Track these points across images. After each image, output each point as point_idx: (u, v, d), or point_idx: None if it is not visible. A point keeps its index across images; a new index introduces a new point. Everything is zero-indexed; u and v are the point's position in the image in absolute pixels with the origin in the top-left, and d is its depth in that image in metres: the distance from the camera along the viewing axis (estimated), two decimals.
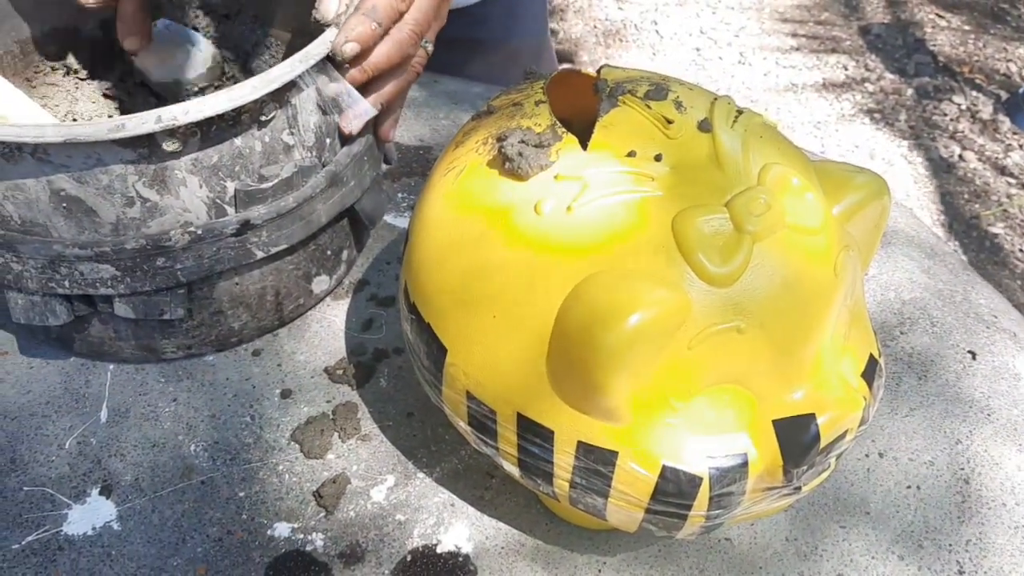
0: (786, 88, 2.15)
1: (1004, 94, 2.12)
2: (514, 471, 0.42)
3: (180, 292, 0.52)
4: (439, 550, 0.49)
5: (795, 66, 2.22)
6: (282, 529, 0.50)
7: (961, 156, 1.96)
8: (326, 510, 0.50)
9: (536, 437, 0.39)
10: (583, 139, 0.40)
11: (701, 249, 0.36)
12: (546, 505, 0.51)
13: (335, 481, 0.51)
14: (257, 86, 0.47)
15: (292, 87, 0.50)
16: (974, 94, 2.12)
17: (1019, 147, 1.98)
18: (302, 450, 0.53)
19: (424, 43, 0.56)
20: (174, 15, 0.67)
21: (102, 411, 0.55)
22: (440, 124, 0.80)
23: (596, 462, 0.38)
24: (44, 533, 0.49)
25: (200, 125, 0.46)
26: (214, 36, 0.68)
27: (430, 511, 0.51)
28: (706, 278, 0.36)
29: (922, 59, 2.23)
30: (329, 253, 0.59)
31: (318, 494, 0.51)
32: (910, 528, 0.52)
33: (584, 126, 0.40)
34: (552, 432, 0.39)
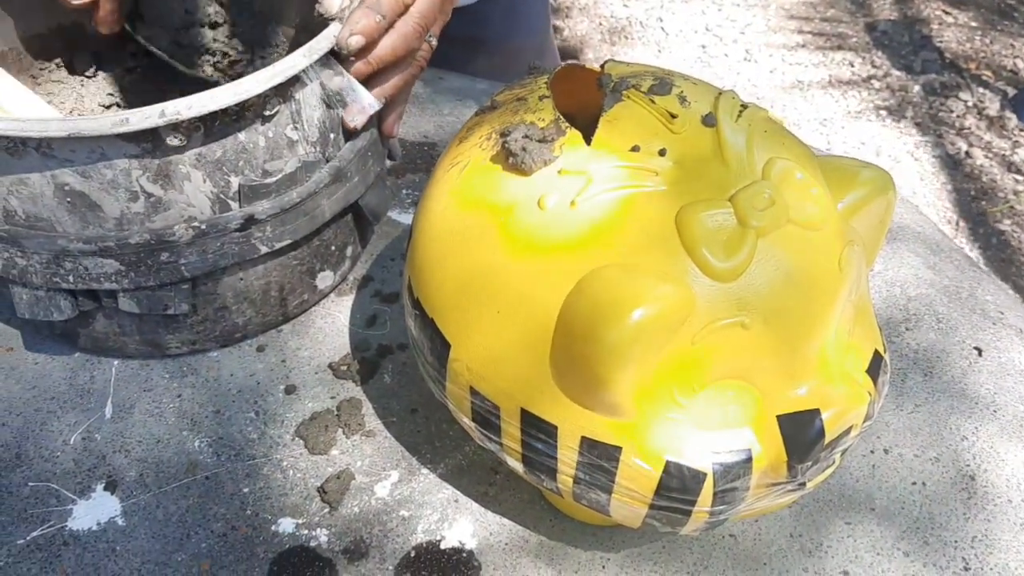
0: (792, 85, 2.14)
1: (1011, 91, 2.11)
2: (518, 467, 0.42)
3: (184, 287, 0.52)
4: (443, 546, 0.49)
5: (801, 63, 2.22)
6: (286, 525, 0.50)
7: (968, 152, 1.95)
8: (330, 506, 0.50)
9: (540, 432, 0.39)
10: (587, 134, 0.39)
11: (705, 244, 0.36)
12: (550, 501, 0.51)
13: (339, 477, 0.51)
14: (261, 80, 0.47)
15: (296, 81, 0.50)
16: (981, 91, 2.11)
17: None
18: (306, 446, 0.53)
19: (428, 37, 0.56)
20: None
21: (107, 407, 0.55)
22: (444, 120, 0.79)
23: (600, 457, 0.38)
24: (49, 528, 0.49)
25: (204, 120, 0.46)
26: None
27: (434, 507, 0.51)
28: (710, 273, 0.36)
29: (929, 56, 2.22)
30: (333, 249, 0.58)
31: (322, 490, 0.51)
32: (915, 524, 0.51)
33: (588, 121, 0.40)
34: (556, 427, 0.39)
